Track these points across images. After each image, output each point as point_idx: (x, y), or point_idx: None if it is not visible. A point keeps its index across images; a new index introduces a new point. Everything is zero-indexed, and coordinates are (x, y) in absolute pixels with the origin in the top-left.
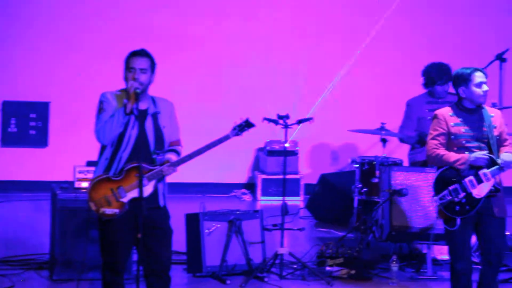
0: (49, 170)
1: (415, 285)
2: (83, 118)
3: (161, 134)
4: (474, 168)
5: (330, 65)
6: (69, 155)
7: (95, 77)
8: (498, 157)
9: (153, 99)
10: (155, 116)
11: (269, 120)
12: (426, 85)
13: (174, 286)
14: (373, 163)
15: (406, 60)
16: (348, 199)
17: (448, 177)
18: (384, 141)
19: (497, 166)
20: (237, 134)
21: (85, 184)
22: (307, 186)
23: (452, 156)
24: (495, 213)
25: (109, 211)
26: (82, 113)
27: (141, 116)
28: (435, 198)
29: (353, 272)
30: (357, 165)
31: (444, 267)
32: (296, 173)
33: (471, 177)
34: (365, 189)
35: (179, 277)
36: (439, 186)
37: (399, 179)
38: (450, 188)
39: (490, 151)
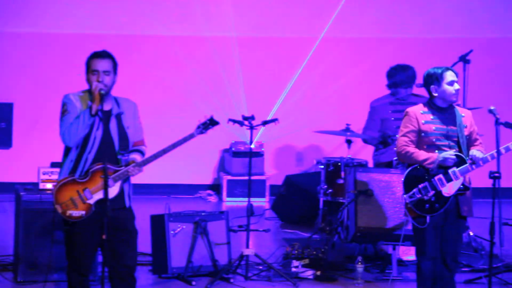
0: (13, 171)
1: (380, 285)
2: (47, 119)
3: (126, 134)
4: (443, 167)
5: (292, 65)
6: (33, 156)
7: (58, 78)
8: (467, 156)
9: (116, 100)
10: (119, 117)
11: (234, 121)
12: (389, 86)
13: (139, 287)
14: (338, 164)
15: (371, 61)
16: (313, 200)
17: (418, 175)
18: (349, 142)
19: (466, 165)
20: (201, 132)
21: (49, 186)
22: (273, 187)
23: (421, 154)
24: (462, 212)
25: (75, 213)
26: (46, 114)
27: (105, 117)
28: (404, 196)
29: (318, 273)
30: (322, 166)
31: (410, 268)
32: (261, 174)
33: (441, 176)
34: (330, 190)
35: (145, 279)
36: (408, 184)
37: (364, 180)
38: (420, 186)
39: (460, 150)
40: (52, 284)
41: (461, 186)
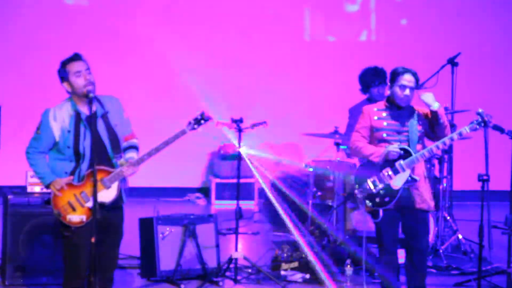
0: (0, 175)
1: None
2: (35, 121)
3: (115, 133)
4: (389, 160)
5: (282, 67)
6: (21, 160)
7: (46, 81)
8: (416, 150)
9: (98, 100)
10: (105, 117)
11: (222, 124)
12: (362, 90)
13: None
14: (327, 167)
15: (359, 63)
16: (302, 203)
17: (367, 170)
18: (338, 145)
19: (412, 157)
20: (193, 128)
21: (37, 189)
22: (261, 190)
23: (368, 149)
24: (415, 204)
25: (75, 218)
26: (34, 116)
27: (91, 121)
28: (356, 191)
29: (307, 276)
30: (311, 169)
31: (400, 271)
32: (250, 177)
33: (388, 169)
34: (319, 193)
35: (133, 282)
36: (359, 178)
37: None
38: (369, 180)
39: (409, 145)
40: (40, 287)
41: (409, 178)
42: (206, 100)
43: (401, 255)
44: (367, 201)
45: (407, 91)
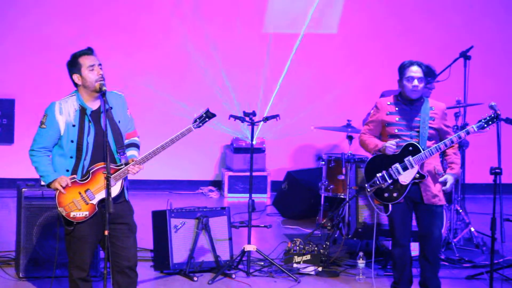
0: (14, 167)
1: (382, 281)
2: None
3: (118, 129)
4: (398, 155)
5: (293, 61)
6: None
7: (60, 75)
8: (426, 147)
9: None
10: (109, 112)
11: (235, 117)
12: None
13: (141, 283)
14: (340, 160)
15: (371, 58)
16: (314, 196)
17: (377, 164)
18: (350, 138)
19: (420, 153)
20: (199, 126)
21: None
22: (274, 183)
23: (371, 142)
24: (424, 199)
25: (79, 214)
26: None
27: (95, 116)
28: (366, 185)
29: (320, 269)
30: (324, 162)
31: (413, 264)
32: (263, 170)
33: (397, 164)
34: (331, 186)
35: (147, 274)
36: (368, 173)
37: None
38: (378, 175)
39: (419, 141)
40: (54, 280)
41: (416, 175)
42: (219, 95)
43: (414, 248)
44: (376, 196)
45: (415, 82)
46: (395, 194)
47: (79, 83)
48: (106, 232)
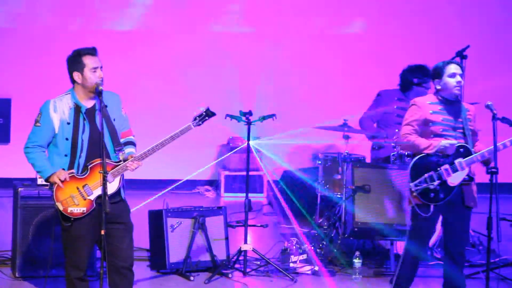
0: (11, 167)
1: (378, 280)
2: None
3: (113, 126)
4: (446, 156)
5: (290, 61)
6: None
7: (57, 74)
8: (473, 147)
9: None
10: (104, 110)
11: (232, 116)
12: (402, 87)
13: (138, 282)
14: (336, 159)
15: (368, 57)
16: (311, 195)
17: (425, 164)
18: (346, 137)
19: (472, 156)
20: (198, 124)
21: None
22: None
23: (422, 142)
24: (465, 201)
25: (77, 210)
26: None
27: (90, 115)
28: (411, 184)
29: (316, 268)
30: (320, 162)
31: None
32: (259, 170)
33: (447, 166)
34: (327, 186)
35: (143, 274)
36: (414, 172)
37: (361, 175)
38: (426, 175)
39: (466, 142)
40: (50, 279)
41: (466, 177)
42: (216, 94)
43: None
44: (420, 196)
45: (458, 77)
46: (441, 195)
47: (79, 81)
48: (102, 232)
